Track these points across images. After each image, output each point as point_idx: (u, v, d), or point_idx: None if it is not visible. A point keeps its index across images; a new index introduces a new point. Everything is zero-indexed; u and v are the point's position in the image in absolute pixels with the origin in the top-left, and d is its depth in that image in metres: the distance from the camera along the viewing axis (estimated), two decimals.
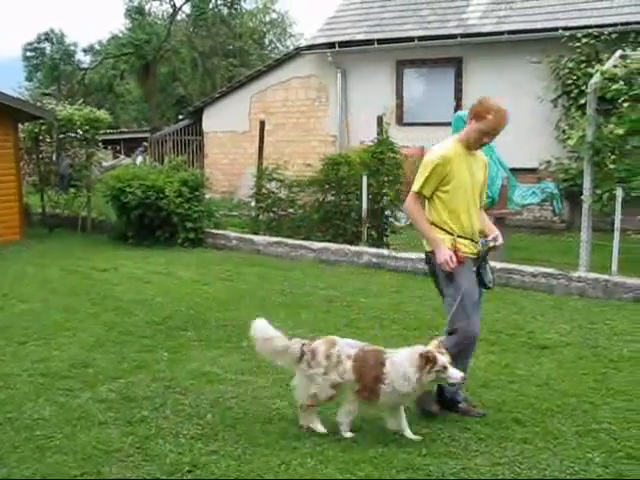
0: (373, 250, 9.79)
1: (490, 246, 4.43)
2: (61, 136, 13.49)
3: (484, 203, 4.70)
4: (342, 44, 15.86)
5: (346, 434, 4.08)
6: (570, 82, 13.00)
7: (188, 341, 6.07)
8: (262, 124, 12.55)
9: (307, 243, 10.28)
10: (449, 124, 10.20)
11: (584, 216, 8.72)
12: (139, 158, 20.53)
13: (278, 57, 19.80)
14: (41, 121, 13.12)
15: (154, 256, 10.37)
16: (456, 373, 3.97)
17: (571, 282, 7.95)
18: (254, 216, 11.86)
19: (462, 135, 4.44)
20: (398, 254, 9.46)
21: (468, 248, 4.36)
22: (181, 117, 22.78)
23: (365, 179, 10.19)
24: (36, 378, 5.13)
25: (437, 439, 4.06)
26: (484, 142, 4.38)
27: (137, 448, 3.97)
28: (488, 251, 4.45)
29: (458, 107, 14.27)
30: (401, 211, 11.42)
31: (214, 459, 3.82)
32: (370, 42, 15.50)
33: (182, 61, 33.82)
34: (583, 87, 11.56)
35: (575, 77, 12.86)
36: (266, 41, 37.38)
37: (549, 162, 13.17)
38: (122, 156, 23.24)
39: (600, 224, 9.56)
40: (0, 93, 11.81)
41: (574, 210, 12.27)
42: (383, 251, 9.77)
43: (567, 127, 12.33)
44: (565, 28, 13.14)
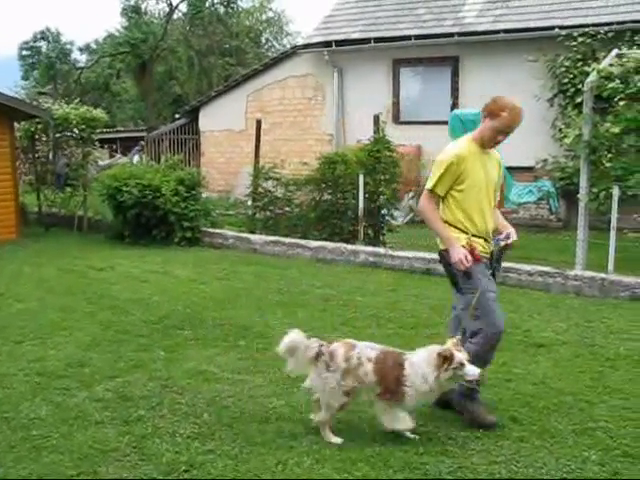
0: (369, 249, 9.80)
1: (502, 245, 4.39)
2: (57, 135, 13.46)
3: (498, 201, 4.64)
4: (338, 43, 15.87)
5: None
6: (566, 81, 13.01)
7: (185, 340, 6.06)
8: (259, 123, 12.54)
9: (304, 242, 10.28)
10: (445, 123, 10.26)
11: (580, 215, 8.72)
12: (136, 157, 20.52)
13: (275, 56, 19.78)
14: (37, 120, 13.10)
15: (151, 255, 10.36)
16: (473, 370, 3.91)
17: (568, 280, 7.97)
18: (251, 215, 11.85)
19: (476, 133, 4.39)
20: (394, 253, 9.46)
21: (482, 247, 4.33)
22: (177, 116, 22.73)
23: (362, 178, 10.18)
24: (32, 377, 5.12)
25: (434, 438, 4.06)
26: (498, 140, 4.33)
27: (134, 447, 3.96)
28: (504, 249, 4.42)
29: (454, 106, 14.30)
30: (397, 209, 11.45)
31: (211, 458, 3.82)
32: (366, 41, 15.51)
33: (178, 60, 33.77)
34: (579, 86, 11.56)
35: (571, 76, 12.88)
36: (263, 40, 37.38)
37: (545, 161, 13.18)
38: (118, 155, 23.24)
39: (596, 222, 9.57)
40: None
41: (570, 208, 12.30)
42: (379, 250, 9.76)
43: (563, 126, 12.33)
44: (561, 27, 13.17)
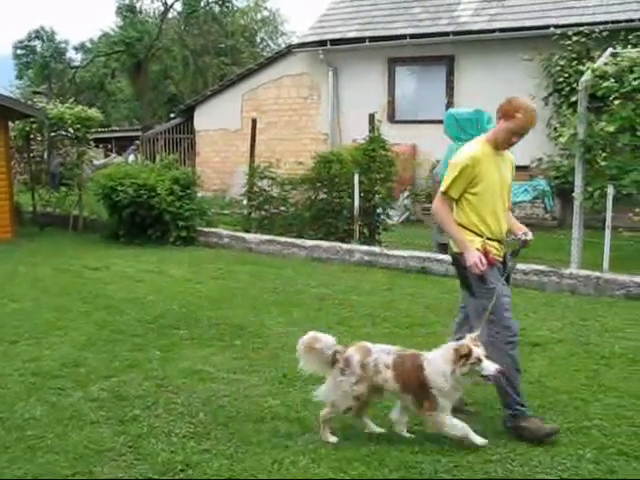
0: (365, 248, 9.80)
1: (522, 239, 4.35)
2: (52, 134, 13.45)
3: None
4: (333, 42, 15.87)
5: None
6: (561, 80, 13.02)
7: (180, 340, 6.06)
8: (254, 122, 12.52)
9: (299, 241, 10.27)
10: (441, 122, 10.18)
11: (575, 213, 8.74)
12: (131, 157, 20.50)
13: (270, 55, 19.79)
14: (32, 119, 13.09)
15: (146, 254, 10.34)
16: (491, 365, 3.82)
17: (562, 279, 7.98)
18: (246, 214, 11.84)
19: (490, 135, 4.33)
20: (390, 252, 9.47)
21: (496, 250, 4.27)
22: (173, 115, 22.72)
23: (357, 177, 10.18)
24: (27, 377, 5.11)
25: (429, 436, 4.05)
26: (513, 142, 4.28)
27: (129, 447, 3.96)
28: (522, 247, 4.38)
29: (450, 105, 14.31)
30: (393, 208, 11.45)
31: (206, 458, 3.82)
32: (361, 40, 15.52)
33: (173, 59, 33.67)
34: (574, 85, 11.58)
35: (566, 75, 12.89)
36: (258, 39, 37.28)
37: (540, 160, 13.21)
38: (113, 154, 23.19)
39: (591, 221, 9.59)
40: None
41: (565, 207, 12.32)
42: (375, 249, 9.77)
43: (558, 125, 12.34)
44: (556, 26, 13.20)
